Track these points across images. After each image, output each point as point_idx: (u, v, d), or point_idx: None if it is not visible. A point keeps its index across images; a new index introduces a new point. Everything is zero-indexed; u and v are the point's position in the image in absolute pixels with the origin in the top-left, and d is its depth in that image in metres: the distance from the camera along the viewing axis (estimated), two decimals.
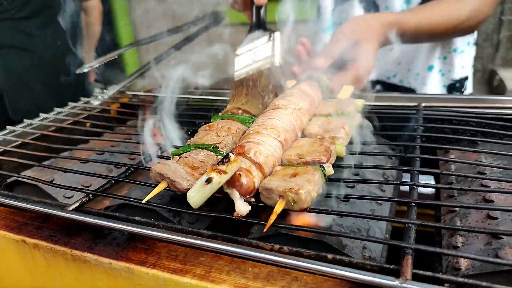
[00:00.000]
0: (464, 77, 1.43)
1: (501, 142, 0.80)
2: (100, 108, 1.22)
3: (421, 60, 1.40)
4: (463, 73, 1.42)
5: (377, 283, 0.45)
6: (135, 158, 0.94)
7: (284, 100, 0.82)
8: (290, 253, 0.53)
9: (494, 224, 0.60)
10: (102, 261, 0.58)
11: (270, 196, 0.60)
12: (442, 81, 1.43)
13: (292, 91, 0.85)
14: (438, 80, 1.43)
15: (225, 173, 0.58)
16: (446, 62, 1.41)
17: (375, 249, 0.62)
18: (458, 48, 1.38)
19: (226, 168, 0.58)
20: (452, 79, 1.41)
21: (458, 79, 1.42)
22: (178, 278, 0.53)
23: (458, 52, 1.39)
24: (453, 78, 1.41)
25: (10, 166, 0.94)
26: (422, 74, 1.42)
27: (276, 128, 0.73)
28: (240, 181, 0.61)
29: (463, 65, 1.41)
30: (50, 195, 0.80)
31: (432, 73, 1.41)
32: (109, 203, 0.77)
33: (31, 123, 1.09)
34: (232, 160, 0.58)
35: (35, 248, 0.64)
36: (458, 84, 1.42)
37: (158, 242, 0.60)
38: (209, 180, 0.58)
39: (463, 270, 0.54)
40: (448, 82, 1.43)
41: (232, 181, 0.61)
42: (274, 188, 0.59)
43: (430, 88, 1.42)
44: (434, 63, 1.40)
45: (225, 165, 0.58)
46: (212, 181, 0.58)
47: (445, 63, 1.41)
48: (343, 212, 0.58)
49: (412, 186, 0.63)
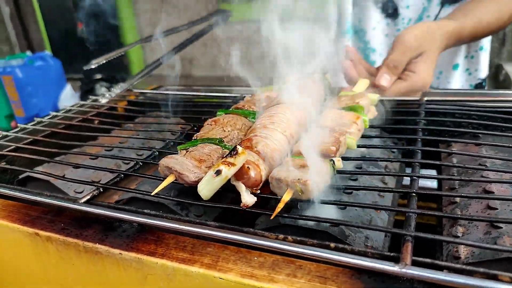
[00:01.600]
0: (487, 76, 1.42)
1: (503, 135, 0.81)
2: (108, 106, 1.25)
3: (445, 59, 1.39)
4: (486, 70, 1.41)
5: (378, 269, 0.47)
6: (142, 154, 0.96)
7: (288, 94, 0.83)
8: (294, 241, 0.55)
9: (494, 214, 0.62)
10: (113, 252, 0.61)
11: (279, 186, 0.62)
12: (469, 80, 1.42)
13: (296, 85, 0.87)
14: (465, 79, 1.42)
15: (234, 165, 0.60)
16: (473, 61, 1.39)
17: (377, 239, 0.63)
18: (484, 45, 1.37)
19: (234, 160, 0.60)
20: (479, 78, 1.41)
21: (484, 78, 1.41)
22: (187, 268, 0.55)
23: (484, 50, 1.37)
24: (480, 77, 1.40)
25: (22, 162, 0.97)
26: (446, 73, 1.41)
27: (282, 123, 0.74)
28: (248, 174, 0.63)
29: (486, 63, 1.40)
30: (61, 190, 0.82)
31: (457, 72, 1.40)
32: (119, 197, 0.80)
33: (41, 120, 1.12)
34: (240, 152, 0.60)
35: (48, 240, 0.67)
36: (484, 83, 1.42)
37: (167, 233, 0.62)
38: (218, 172, 0.60)
39: (463, 258, 0.56)
40: (475, 81, 1.42)
41: (240, 174, 0.63)
42: (283, 178, 0.61)
43: (455, 87, 1.41)
44: (460, 62, 1.39)
45: (233, 157, 0.60)
46: (221, 173, 0.60)
47: (472, 62, 1.39)
48: (345, 203, 0.59)
49: (413, 177, 0.65)
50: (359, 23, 1.49)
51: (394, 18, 1.42)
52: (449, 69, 1.40)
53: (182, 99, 1.29)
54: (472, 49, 1.38)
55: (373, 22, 1.44)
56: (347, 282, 0.49)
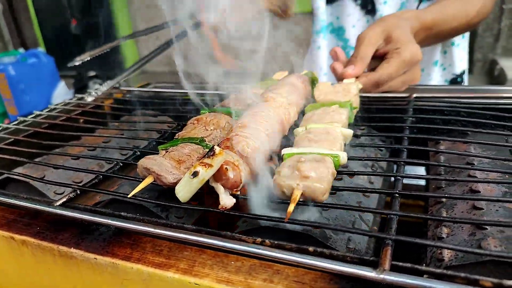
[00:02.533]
0: (463, 71, 1.42)
1: (491, 132, 0.80)
2: (93, 104, 1.22)
3: (426, 56, 1.39)
4: (462, 66, 1.42)
5: (355, 274, 0.46)
6: (126, 154, 0.94)
7: (272, 93, 0.82)
8: (272, 246, 0.53)
9: (479, 214, 0.60)
10: (88, 257, 0.59)
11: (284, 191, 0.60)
12: (444, 76, 1.44)
13: (280, 83, 0.85)
14: (440, 74, 1.43)
15: (211, 166, 0.58)
16: (446, 57, 1.41)
17: (361, 241, 0.62)
18: (455, 41, 1.38)
19: (211, 161, 0.58)
20: (454, 73, 1.41)
21: (459, 73, 1.42)
22: (162, 273, 0.54)
23: (456, 46, 1.39)
24: (454, 72, 1.41)
25: (2, 163, 0.95)
26: (427, 70, 1.42)
27: (264, 122, 0.73)
28: (227, 175, 0.61)
29: (461, 59, 1.41)
30: (41, 192, 0.80)
31: (436, 68, 1.41)
32: (100, 199, 0.78)
33: (24, 120, 1.10)
34: (217, 153, 0.58)
35: (23, 244, 0.65)
36: (459, 78, 1.42)
37: (144, 237, 0.60)
38: (195, 174, 0.58)
39: (446, 261, 0.54)
40: (450, 76, 1.43)
41: (219, 175, 0.61)
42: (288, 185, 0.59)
43: (434, 83, 1.42)
44: (438, 58, 1.40)
45: (211, 158, 0.58)
46: (198, 174, 0.58)
47: (445, 57, 1.41)
48: (326, 204, 0.58)
49: (397, 177, 0.63)
50: (337, 20, 1.48)
51: (373, 15, 1.42)
52: (430, 66, 1.41)
53: (170, 97, 1.27)
54: (445, 45, 1.39)
55: (352, 19, 1.44)
56: (325, 287, 0.48)
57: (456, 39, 1.38)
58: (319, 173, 0.59)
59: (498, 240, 0.54)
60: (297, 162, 0.62)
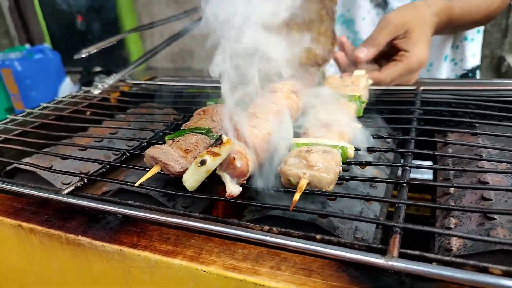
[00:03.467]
0: (476, 66, 1.40)
1: (499, 124, 0.79)
2: (100, 97, 1.23)
3: (435, 50, 1.38)
4: (474, 62, 1.40)
5: (364, 261, 0.45)
6: (132, 145, 0.94)
7: (279, 83, 0.81)
8: (279, 233, 0.53)
9: (488, 205, 0.60)
10: (96, 244, 0.59)
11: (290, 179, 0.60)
12: (455, 71, 1.42)
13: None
14: (451, 69, 1.42)
15: (218, 155, 0.58)
16: (458, 51, 1.38)
17: (368, 231, 0.62)
18: (469, 36, 1.36)
19: (219, 150, 0.58)
20: (465, 68, 1.40)
21: (470, 68, 1.40)
22: (169, 260, 0.54)
23: (469, 41, 1.36)
24: (466, 67, 1.39)
25: (10, 154, 0.95)
26: (436, 64, 1.40)
27: (272, 112, 0.73)
28: (234, 164, 0.61)
29: (474, 54, 1.39)
30: (49, 182, 0.81)
31: (446, 62, 1.40)
32: (107, 189, 0.78)
33: (31, 111, 1.10)
34: (225, 142, 0.58)
35: (31, 232, 0.65)
36: (470, 73, 1.40)
37: (151, 225, 0.61)
38: (202, 162, 0.58)
39: (455, 251, 0.54)
40: (460, 71, 1.41)
41: (226, 164, 0.61)
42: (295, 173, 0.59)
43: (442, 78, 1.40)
44: (448, 53, 1.38)
45: (218, 147, 0.58)
46: (205, 163, 0.58)
47: (457, 52, 1.39)
48: (334, 193, 0.58)
49: (405, 168, 0.63)
50: (348, 12, 1.47)
51: (384, 8, 1.40)
52: (440, 60, 1.39)
53: (175, 89, 1.27)
54: (458, 39, 1.37)
55: (362, 12, 1.42)
56: (333, 275, 0.47)
57: (470, 34, 1.36)
58: (326, 163, 0.59)
59: (508, 229, 0.53)
60: (304, 152, 0.62)
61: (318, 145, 0.65)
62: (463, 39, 1.37)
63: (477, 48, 1.39)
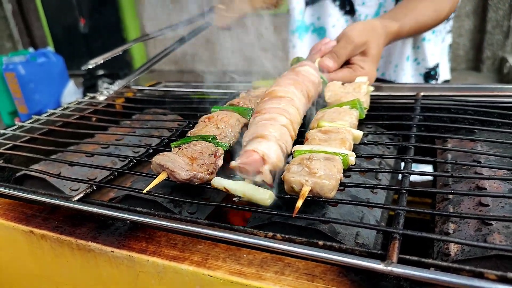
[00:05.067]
0: (436, 64, 1.49)
1: (498, 130, 0.81)
2: (105, 103, 1.25)
3: (398, 52, 1.47)
4: (435, 60, 1.48)
5: (364, 266, 0.47)
6: (138, 151, 0.97)
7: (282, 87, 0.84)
8: (283, 239, 0.55)
9: (486, 210, 0.61)
10: (106, 250, 0.61)
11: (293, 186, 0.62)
12: (418, 70, 1.51)
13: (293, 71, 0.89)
14: (415, 68, 1.50)
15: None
16: (419, 51, 1.48)
17: (369, 236, 0.63)
18: (426, 37, 1.45)
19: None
20: (427, 67, 1.48)
21: (432, 67, 1.49)
22: (176, 265, 0.56)
23: (426, 41, 1.45)
24: (427, 66, 1.48)
25: (19, 160, 0.98)
26: (401, 65, 1.49)
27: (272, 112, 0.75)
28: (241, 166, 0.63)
29: (433, 53, 1.47)
30: (57, 188, 0.83)
31: (409, 63, 1.49)
32: (114, 195, 0.80)
33: (39, 118, 1.13)
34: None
35: (43, 238, 0.67)
36: (432, 72, 1.49)
37: (158, 231, 0.63)
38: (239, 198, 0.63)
39: (453, 255, 0.56)
40: (423, 70, 1.50)
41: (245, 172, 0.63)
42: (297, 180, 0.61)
43: (407, 78, 1.50)
44: (409, 54, 1.47)
45: None
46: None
47: (418, 52, 1.48)
48: (335, 200, 0.59)
49: (405, 174, 0.65)
50: (318, 21, 1.54)
51: (352, 15, 1.48)
52: (403, 61, 1.48)
53: (179, 95, 1.29)
54: (417, 41, 1.46)
55: (332, 19, 1.50)
56: (335, 279, 0.49)
57: (427, 35, 1.44)
58: (328, 170, 0.61)
59: (504, 235, 0.55)
60: (306, 160, 0.64)
61: (320, 152, 0.67)
62: (422, 40, 1.45)
63: (435, 48, 1.48)
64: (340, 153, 0.66)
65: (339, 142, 0.70)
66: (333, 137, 0.70)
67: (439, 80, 1.51)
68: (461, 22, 4.96)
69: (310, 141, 0.72)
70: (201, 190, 0.74)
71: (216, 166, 0.70)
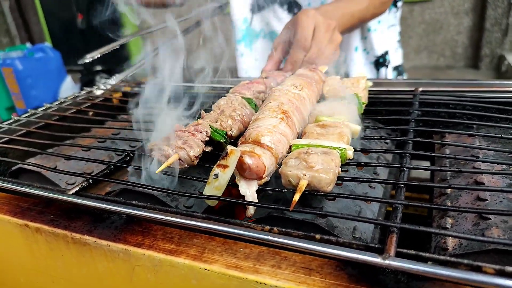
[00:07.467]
0: (385, 52, 1.53)
1: (496, 126, 0.81)
2: (102, 97, 1.24)
3: (345, 43, 1.50)
4: (383, 48, 1.53)
5: (362, 260, 0.47)
6: (135, 146, 0.96)
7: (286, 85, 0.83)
8: (280, 233, 0.54)
9: (484, 205, 0.61)
10: (101, 244, 0.61)
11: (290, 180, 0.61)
12: (368, 59, 1.56)
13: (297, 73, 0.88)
14: (365, 58, 1.56)
15: (227, 167, 0.60)
16: (367, 42, 1.52)
17: (366, 231, 0.63)
18: (371, 27, 1.49)
19: (226, 162, 0.60)
20: (375, 55, 1.53)
21: (380, 55, 1.53)
22: (172, 259, 0.55)
23: (372, 31, 1.49)
24: (376, 54, 1.53)
25: (15, 154, 0.97)
26: (350, 56, 1.53)
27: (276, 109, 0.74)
28: (245, 162, 0.62)
29: (380, 42, 1.52)
30: (53, 182, 0.82)
31: (358, 53, 1.53)
32: (110, 189, 0.80)
33: (35, 112, 1.12)
34: (229, 152, 0.60)
35: (38, 232, 0.67)
36: (381, 59, 1.54)
37: (154, 225, 0.62)
38: (215, 177, 0.60)
39: (450, 250, 0.55)
40: (372, 59, 1.55)
41: (241, 168, 0.62)
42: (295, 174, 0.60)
43: (359, 67, 1.55)
44: (358, 44, 1.52)
45: (225, 159, 0.60)
46: (218, 177, 0.60)
47: (366, 42, 1.53)
48: (333, 194, 0.59)
49: (402, 169, 0.64)
50: (267, 26, 1.56)
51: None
52: (351, 52, 1.52)
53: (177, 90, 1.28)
54: (364, 32, 1.50)
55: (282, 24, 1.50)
56: (332, 273, 0.49)
57: (372, 25, 1.48)
58: (325, 164, 0.60)
59: (502, 229, 0.55)
60: (304, 154, 0.63)
61: (318, 146, 0.66)
62: (367, 31, 1.49)
63: (382, 36, 1.52)
64: (338, 147, 0.66)
65: (337, 136, 0.69)
66: (331, 131, 0.70)
67: (390, 67, 1.55)
68: (460, 20, 4.96)
69: (308, 135, 0.72)
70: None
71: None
